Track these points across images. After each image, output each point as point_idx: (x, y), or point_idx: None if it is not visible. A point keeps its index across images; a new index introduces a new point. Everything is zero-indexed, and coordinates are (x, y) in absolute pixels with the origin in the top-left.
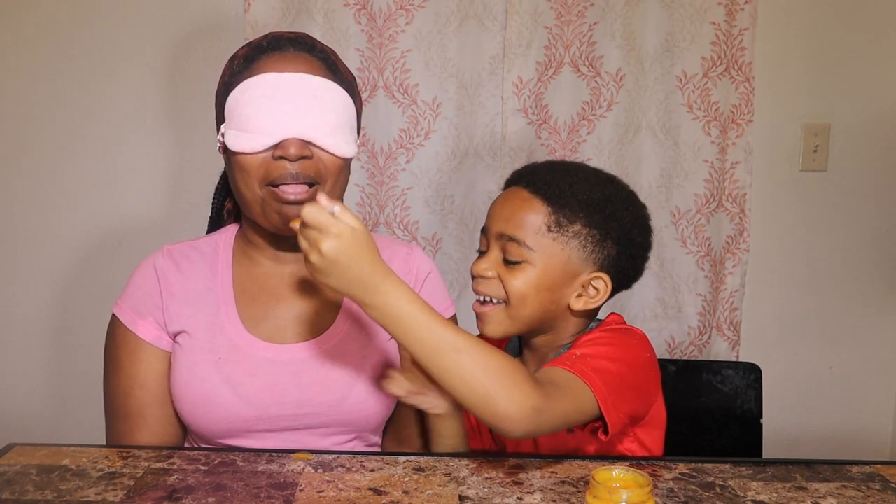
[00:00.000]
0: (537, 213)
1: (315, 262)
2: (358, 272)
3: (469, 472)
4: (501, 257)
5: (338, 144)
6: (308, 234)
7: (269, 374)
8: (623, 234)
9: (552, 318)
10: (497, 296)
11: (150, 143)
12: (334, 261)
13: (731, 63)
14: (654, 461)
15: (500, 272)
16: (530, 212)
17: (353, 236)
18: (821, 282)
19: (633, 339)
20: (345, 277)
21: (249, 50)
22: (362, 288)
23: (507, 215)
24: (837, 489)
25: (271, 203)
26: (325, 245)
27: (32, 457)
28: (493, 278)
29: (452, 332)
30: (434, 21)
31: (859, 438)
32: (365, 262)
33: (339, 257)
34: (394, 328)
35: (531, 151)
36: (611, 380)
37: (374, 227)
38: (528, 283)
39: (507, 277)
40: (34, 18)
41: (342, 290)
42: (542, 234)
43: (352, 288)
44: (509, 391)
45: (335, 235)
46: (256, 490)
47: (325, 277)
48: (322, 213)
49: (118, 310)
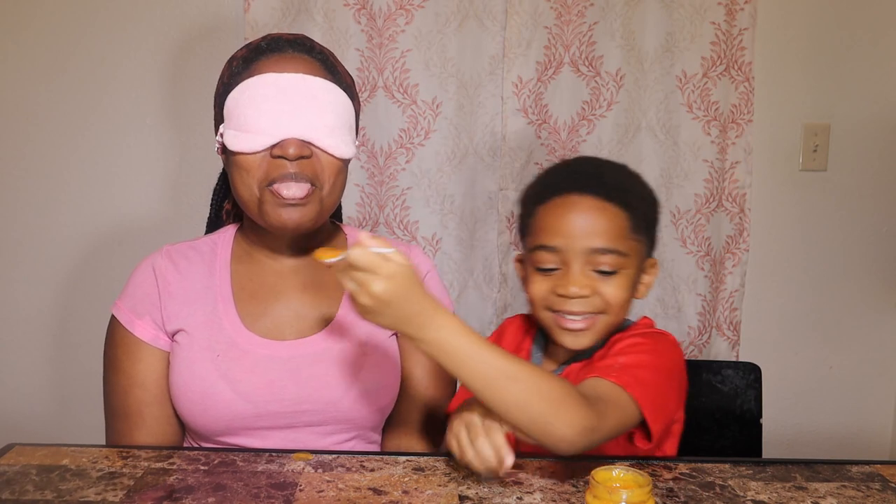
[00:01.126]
0: (619, 220)
1: (366, 304)
2: (410, 310)
3: (469, 472)
4: (589, 270)
5: (336, 145)
6: (356, 277)
7: (268, 370)
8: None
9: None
10: (597, 310)
11: (150, 143)
12: (387, 302)
13: (731, 63)
14: (654, 461)
15: (593, 286)
16: (613, 220)
17: (404, 276)
18: (821, 282)
19: (669, 345)
20: (397, 316)
21: (248, 51)
22: (415, 325)
23: (592, 229)
24: (837, 489)
25: (270, 204)
26: (376, 287)
27: (32, 457)
28: (590, 295)
29: (505, 361)
30: (434, 21)
31: (859, 438)
32: (416, 299)
33: (392, 298)
34: (448, 362)
35: (531, 151)
36: (653, 391)
37: (374, 227)
38: (625, 289)
39: (603, 289)
40: (34, 19)
41: (394, 327)
42: (628, 238)
43: (404, 325)
44: (564, 415)
45: (387, 277)
46: (256, 490)
47: (376, 317)
48: (369, 254)
49: (116, 310)
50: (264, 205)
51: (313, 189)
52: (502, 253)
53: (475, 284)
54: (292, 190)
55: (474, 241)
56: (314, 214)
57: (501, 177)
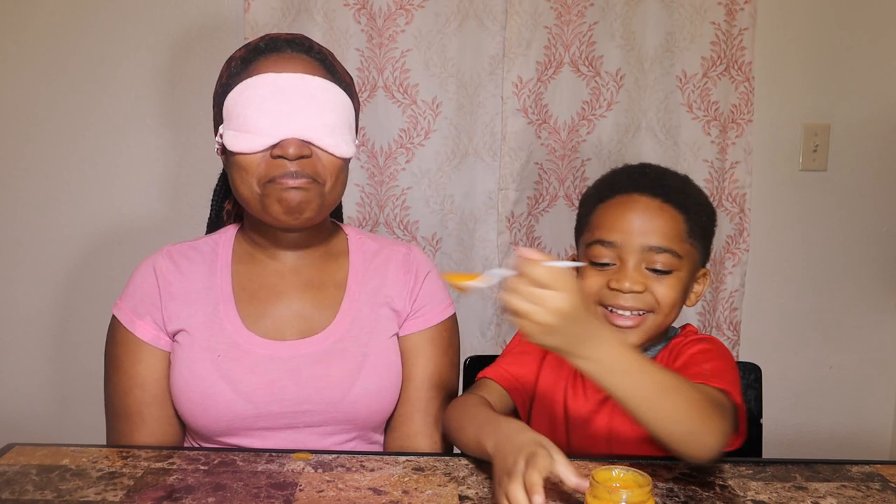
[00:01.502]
0: (676, 222)
1: (546, 322)
2: (583, 326)
3: (469, 472)
4: (643, 268)
5: (336, 144)
6: (534, 294)
7: (268, 371)
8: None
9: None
10: (647, 308)
11: (150, 143)
12: (571, 317)
13: (731, 63)
14: (654, 461)
15: (646, 283)
16: (671, 220)
17: (578, 290)
18: (821, 282)
19: (727, 350)
20: (573, 333)
21: (247, 52)
22: (583, 341)
23: (650, 228)
24: (837, 489)
25: (271, 196)
26: (560, 303)
27: (32, 457)
28: (643, 292)
29: (661, 373)
30: (434, 21)
31: (859, 438)
32: (586, 315)
33: (576, 313)
34: (608, 377)
35: (531, 151)
36: (738, 392)
37: (374, 227)
38: (677, 291)
39: (656, 288)
40: (34, 19)
41: (562, 346)
42: (684, 240)
43: (573, 344)
44: (712, 425)
45: (569, 291)
46: (256, 490)
47: (551, 337)
48: (548, 268)
49: (117, 310)
50: (266, 198)
51: (314, 184)
52: (502, 253)
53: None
54: (293, 183)
55: (474, 241)
56: (316, 203)
57: (501, 177)
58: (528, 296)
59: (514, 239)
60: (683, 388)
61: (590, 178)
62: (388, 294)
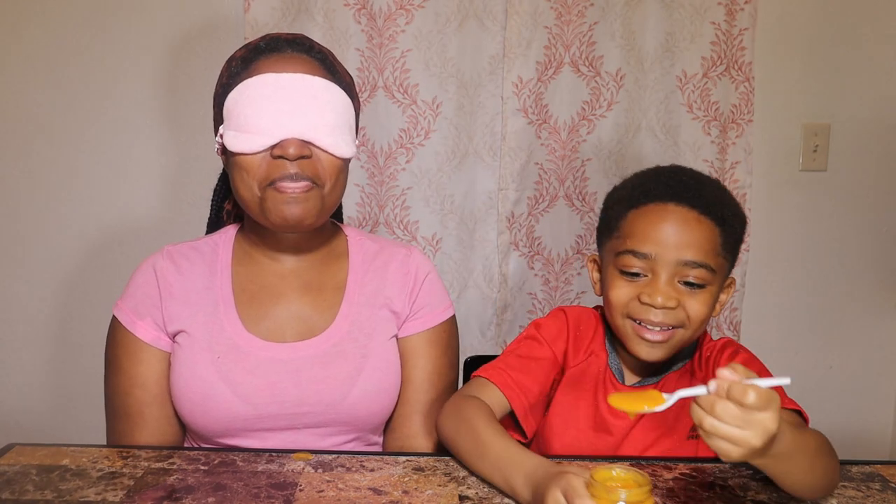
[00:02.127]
0: (712, 235)
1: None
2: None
3: (469, 472)
4: (675, 282)
5: (337, 144)
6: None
7: (268, 372)
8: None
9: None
10: (678, 324)
11: (150, 143)
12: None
13: (731, 63)
14: (654, 461)
15: (680, 298)
16: (706, 234)
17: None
18: (821, 282)
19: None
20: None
21: (247, 51)
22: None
23: (686, 241)
24: (837, 489)
25: (271, 200)
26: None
27: (32, 457)
28: (675, 307)
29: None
30: (434, 21)
31: (859, 438)
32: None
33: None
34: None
35: (531, 151)
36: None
37: (374, 227)
38: (709, 306)
39: (688, 303)
40: (35, 19)
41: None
42: (718, 255)
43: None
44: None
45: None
46: (256, 490)
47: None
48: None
49: (118, 311)
50: (266, 202)
51: (314, 187)
52: (502, 253)
53: (475, 284)
54: (293, 187)
55: (474, 241)
56: (316, 210)
57: (501, 177)
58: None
59: (514, 239)
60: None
61: (590, 178)
62: (388, 296)
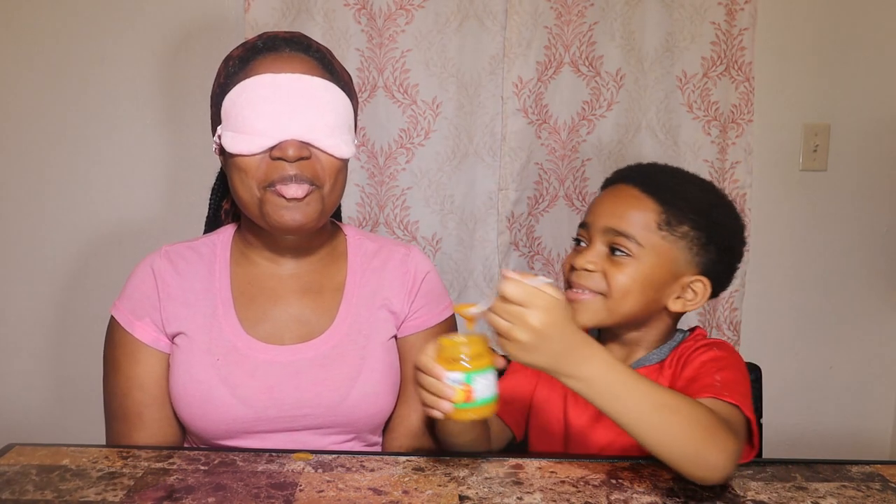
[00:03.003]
0: (648, 211)
1: (523, 340)
2: (566, 343)
3: (469, 472)
4: (605, 251)
5: (336, 145)
6: (511, 311)
7: (268, 375)
8: (725, 240)
9: (647, 316)
10: (597, 289)
11: (149, 142)
12: (546, 335)
13: (731, 63)
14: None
15: (603, 266)
16: (641, 209)
17: (559, 307)
18: (821, 282)
19: (739, 357)
20: (554, 351)
21: (244, 51)
22: (570, 361)
23: (617, 211)
24: (837, 489)
25: (271, 204)
26: (534, 320)
27: (32, 457)
28: (596, 272)
29: (658, 392)
30: (434, 21)
31: (859, 438)
32: (569, 331)
33: (551, 331)
34: (600, 397)
35: (531, 151)
36: (750, 404)
37: (374, 227)
38: (632, 279)
39: (611, 271)
40: (34, 18)
41: (547, 365)
42: (651, 231)
43: (559, 361)
44: (719, 444)
45: (545, 309)
46: (256, 490)
47: (531, 354)
48: (524, 286)
49: (116, 311)
50: (265, 205)
51: (314, 189)
52: (502, 253)
53: (475, 284)
54: (293, 190)
55: (474, 241)
56: (316, 214)
57: (501, 177)
58: (505, 314)
59: (514, 239)
60: (683, 406)
61: (590, 178)
62: (386, 296)
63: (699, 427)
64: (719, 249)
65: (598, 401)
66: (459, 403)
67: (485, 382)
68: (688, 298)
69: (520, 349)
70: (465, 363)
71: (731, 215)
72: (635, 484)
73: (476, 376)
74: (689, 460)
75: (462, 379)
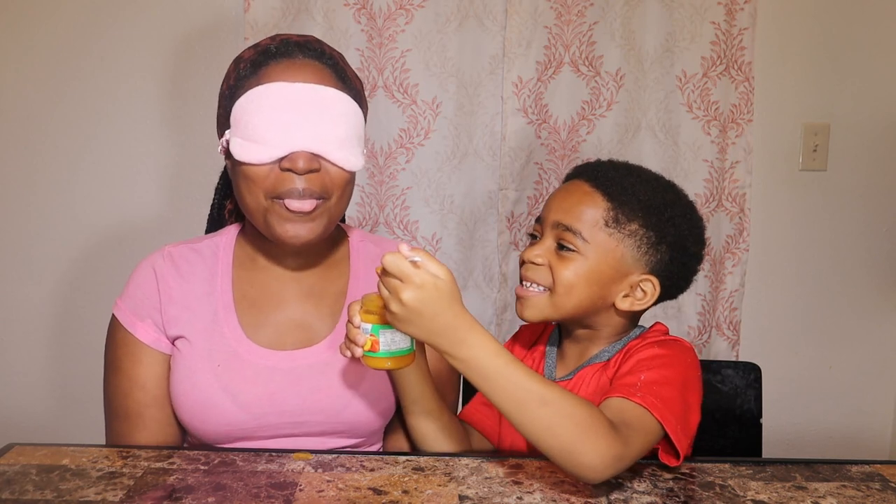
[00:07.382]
0: (596, 207)
1: (396, 312)
2: (442, 324)
3: (469, 472)
4: (554, 246)
5: (346, 158)
6: (389, 283)
7: (269, 381)
8: (679, 240)
9: (595, 313)
10: (544, 283)
11: (150, 142)
12: (416, 311)
13: (731, 63)
14: (653, 461)
15: (550, 260)
16: (590, 205)
17: (436, 287)
18: (820, 282)
19: (687, 356)
20: (427, 328)
21: (256, 54)
22: (446, 340)
23: (566, 206)
24: (837, 489)
25: (276, 216)
26: (405, 295)
27: (32, 457)
28: (543, 266)
29: (538, 384)
30: (434, 21)
31: (859, 438)
32: (449, 314)
33: (422, 308)
34: (480, 381)
35: (531, 151)
36: (678, 408)
37: (374, 227)
38: (577, 274)
39: (557, 266)
40: (35, 19)
41: (425, 339)
42: (598, 227)
43: (435, 338)
44: (593, 443)
45: (417, 286)
46: (256, 490)
47: (406, 326)
48: (403, 262)
49: (117, 310)
50: (270, 216)
51: (321, 203)
52: (502, 253)
53: (475, 284)
54: (300, 205)
55: (474, 241)
56: (321, 229)
57: (501, 177)
58: (385, 284)
59: (514, 239)
60: (559, 401)
61: None
62: None
63: (572, 423)
64: (672, 250)
65: (477, 384)
66: (367, 351)
67: (392, 337)
68: (637, 297)
69: (395, 320)
70: (374, 316)
71: (687, 216)
72: (635, 484)
73: (384, 330)
74: (562, 456)
75: (370, 330)
